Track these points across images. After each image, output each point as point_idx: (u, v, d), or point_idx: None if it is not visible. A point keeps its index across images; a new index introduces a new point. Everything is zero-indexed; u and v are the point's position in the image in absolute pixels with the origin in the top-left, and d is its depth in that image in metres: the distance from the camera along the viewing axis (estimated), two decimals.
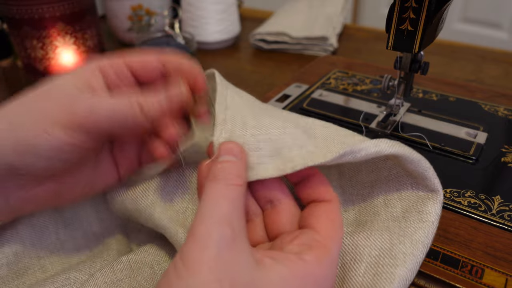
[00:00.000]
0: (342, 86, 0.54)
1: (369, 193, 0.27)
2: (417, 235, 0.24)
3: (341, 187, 0.28)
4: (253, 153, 0.25)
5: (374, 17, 1.79)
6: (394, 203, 0.26)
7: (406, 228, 0.24)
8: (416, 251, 0.23)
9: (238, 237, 0.20)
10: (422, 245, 0.24)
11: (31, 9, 0.54)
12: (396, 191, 0.26)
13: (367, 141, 0.23)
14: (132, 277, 0.28)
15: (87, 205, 0.32)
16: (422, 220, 0.25)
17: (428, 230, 0.24)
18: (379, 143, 0.23)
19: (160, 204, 0.28)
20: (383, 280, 0.22)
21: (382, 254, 0.24)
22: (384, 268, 0.23)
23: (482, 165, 0.38)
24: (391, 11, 0.37)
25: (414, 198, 0.26)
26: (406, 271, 0.23)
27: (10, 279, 0.28)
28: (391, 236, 0.24)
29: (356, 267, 0.24)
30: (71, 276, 0.28)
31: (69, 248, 0.31)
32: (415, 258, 0.23)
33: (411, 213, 0.25)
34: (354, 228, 0.26)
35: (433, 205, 0.25)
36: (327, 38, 0.73)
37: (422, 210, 0.25)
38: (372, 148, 0.23)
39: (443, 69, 0.67)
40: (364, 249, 0.24)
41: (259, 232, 0.25)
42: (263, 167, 0.24)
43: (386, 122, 0.44)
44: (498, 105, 0.48)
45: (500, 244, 0.30)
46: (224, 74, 0.32)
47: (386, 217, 0.26)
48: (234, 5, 0.79)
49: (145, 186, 0.29)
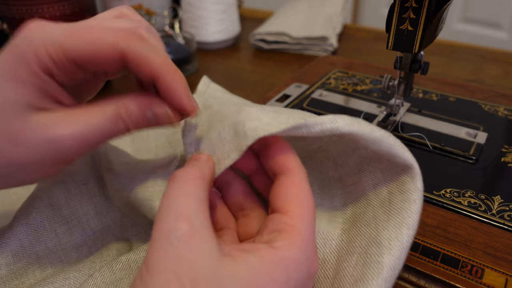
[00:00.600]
0: (342, 86, 0.54)
1: (359, 180, 0.26)
2: (400, 217, 0.23)
3: (340, 178, 0.28)
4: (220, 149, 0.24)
5: (374, 17, 1.79)
6: (381, 186, 0.25)
7: (389, 212, 0.23)
8: (400, 235, 0.22)
9: (199, 231, 0.20)
10: (407, 227, 0.22)
11: (31, 9, 0.54)
12: (380, 172, 0.25)
13: (324, 116, 0.22)
14: (131, 276, 0.28)
15: (84, 201, 0.32)
16: (404, 200, 0.23)
17: (411, 209, 0.23)
18: (336, 119, 0.22)
19: (159, 197, 0.28)
20: (371, 270, 0.22)
21: (370, 243, 0.23)
22: (372, 258, 0.22)
23: (482, 165, 0.38)
24: (391, 11, 0.37)
25: (395, 176, 0.24)
26: (393, 259, 0.22)
27: (10, 279, 0.28)
28: (377, 223, 0.23)
29: (348, 259, 0.23)
30: (70, 276, 0.28)
31: (67, 247, 0.31)
32: (401, 243, 0.22)
33: (395, 194, 0.24)
34: (350, 224, 0.26)
35: (412, 182, 0.23)
36: (327, 38, 0.73)
37: (404, 189, 0.24)
38: (328, 124, 0.22)
39: (443, 69, 0.67)
40: (355, 241, 0.24)
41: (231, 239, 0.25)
42: (226, 155, 0.24)
43: (386, 122, 0.44)
44: (498, 105, 0.48)
45: (500, 244, 0.30)
46: (224, 74, 0.32)
47: (376, 204, 0.25)
48: (234, 5, 0.79)
49: (145, 177, 0.29)
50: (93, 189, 0.33)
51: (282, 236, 0.21)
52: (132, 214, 0.33)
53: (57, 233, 0.31)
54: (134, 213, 0.33)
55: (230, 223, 0.26)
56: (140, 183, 0.29)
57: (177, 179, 0.22)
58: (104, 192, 0.33)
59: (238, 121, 0.24)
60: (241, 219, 0.26)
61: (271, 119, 0.23)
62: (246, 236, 0.25)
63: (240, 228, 0.26)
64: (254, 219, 0.25)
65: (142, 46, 0.22)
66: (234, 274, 0.19)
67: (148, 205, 0.28)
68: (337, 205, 0.27)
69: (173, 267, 0.18)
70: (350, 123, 0.22)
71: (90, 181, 0.32)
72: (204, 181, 0.22)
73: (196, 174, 0.22)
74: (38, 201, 0.30)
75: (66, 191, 0.31)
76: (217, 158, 0.25)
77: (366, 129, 0.22)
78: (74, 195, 0.32)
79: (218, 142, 0.25)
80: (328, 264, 0.25)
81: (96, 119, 0.22)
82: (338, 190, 0.27)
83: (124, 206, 0.33)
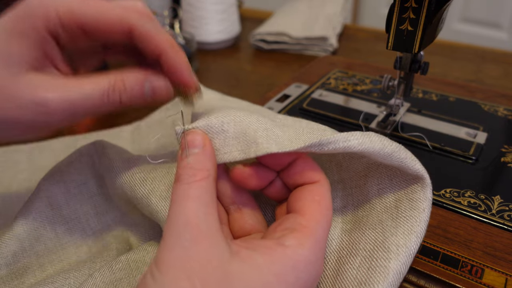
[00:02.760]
0: (342, 86, 0.54)
1: (364, 184, 0.27)
2: (409, 224, 0.23)
3: (342, 180, 0.28)
4: (218, 136, 0.24)
5: (374, 17, 1.79)
6: (387, 192, 0.25)
7: (398, 219, 0.24)
8: (409, 242, 0.23)
9: (207, 235, 0.20)
10: (415, 235, 0.23)
11: None
12: (387, 179, 0.26)
13: (337, 134, 0.22)
14: (131, 276, 0.28)
15: (84, 201, 0.32)
16: (413, 208, 0.24)
17: (420, 218, 0.24)
18: (349, 138, 0.22)
19: (157, 194, 0.28)
20: (377, 274, 0.22)
21: (376, 247, 0.23)
22: (378, 262, 0.23)
23: (482, 165, 0.38)
24: (391, 11, 0.37)
25: (404, 184, 0.25)
26: (399, 265, 0.22)
27: (10, 279, 0.28)
28: (383, 228, 0.24)
29: (351, 261, 0.24)
30: (70, 276, 0.28)
31: (67, 246, 0.31)
32: (408, 250, 0.23)
33: (403, 202, 0.25)
34: (352, 225, 0.26)
35: (422, 191, 0.24)
36: (327, 38, 0.73)
37: (413, 198, 0.24)
38: (341, 143, 0.22)
39: (443, 69, 0.67)
40: (359, 243, 0.24)
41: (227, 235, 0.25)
42: (228, 149, 0.24)
43: (386, 122, 0.44)
44: (498, 105, 0.48)
45: (500, 244, 0.30)
46: (224, 74, 0.32)
47: (381, 209, 0.25)
48: (234, 5, 0.79)
49: (144, 175, 0.29)
50: (93, 189, 0.33)
51: (294, 235, 0.21)
52: (132, 214, 0.33)
53: (57, 233, 0.31)
54: (134, 212, 0.33)
55: (224, 218, 0.26)
56: (139, 180, 0.29)
57: (183, 181, 0.22)
58: (103, 191, 0.33)
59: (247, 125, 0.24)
60: (234, 214, 0.26)
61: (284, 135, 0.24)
62: (242, 232, 0.25)
63: (234, 223, 0.25)
64: (247, 214, 0.25)
65: (149, 23, 0.23)
66: (243, 275, 0.19)
67: (145, 202, 0.28)
68: (337, 206, 0.27)
69: (184, 267, 0.19)
70: (362, 142, 0.22)
71: (90, 181, 0.32)
72: (209, 179, 0.22)
73: (201, 175, 0.22)
74: (38, 201, 0.30)
75: (66, 191, 0.31)
76: (216, 147, 0.24)
77: (377, 146, 0.23)
78: (74, 195, 0.32)
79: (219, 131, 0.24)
80: (327, 264, 0.25)
81: (87, 88, 0.23)
82: (339, 191, 0.28)
83: (124, 204, 0.33)
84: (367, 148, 0.23)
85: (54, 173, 0.31)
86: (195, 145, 0.23)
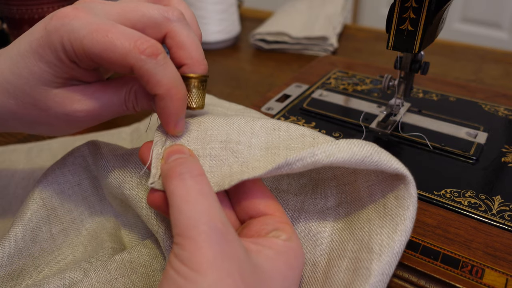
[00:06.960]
0: (342, 86, 0.54)
1: (355, 180, 0.26)
2: (394, 223, 0.23)
3: (335, 177, 0.28)
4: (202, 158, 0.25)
5: (374, 17, 1.79)
6: (376, 189, 0.25)
7: (385, 217, 0.24)
8: (392, 241, 0.22)
9: (229, 229, 0.21)
10: (399, 234, 0.23)
11: (31, 9, 0.54)
12: (374, 174, 0.25)
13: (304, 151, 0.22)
14: (126, 276, 0.28)
15: (79, 202, 0.32)
16: (399, 206, 0.24)
17: (405, 216, 0.23)
18: (315, 152, 0.22)
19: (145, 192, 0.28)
20: (360, 277, 0.22)
21: (361, 248, 0.23)
22: (361, 264, 0.22)
23: (482, 165, 0.38)
24: (391, 11, 0.37)
25: (390, 181, 0.25)
26: (382, 265, 0.22)
27: (5, 280, 0.28)
28: (370, 227, 0.24)
29: (339, 264, 0.24)
30: (66, 277, 0.28)
31: (63, 247, 0.31)
32: (392, 250, 0.22)
33: (390, 200, 0.24)
34: (343, 224, 0.26)
35: (405, 189, 0.24)
36: (327, 38, 0.73)
37: (398, 195, 0.24)
38: (308, 159, 0.22)
39: (443, 69, 0.67)
40: (347, 244, 0.24)
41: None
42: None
43: (386, 122, 0.44)
44: (498, 105, 0.48)
45: (500, 244, 0.30)
46: (224, 74, 0.32)
47: (370, 207, 0.25)
48: (234, 5, 0.79)
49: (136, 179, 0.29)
50: (87, 190, 0.33)
51: (284, 232, 0.23)
52: (126, 213, 0.33)
53: (52, 234, 0.31)
54: (127, 212, 0.33)
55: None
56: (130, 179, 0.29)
57: (185, 175, 0.22)
58: (98, 192, 0.33)
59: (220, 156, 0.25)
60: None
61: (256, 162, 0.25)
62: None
63: None
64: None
65: (150, 64, 0.23)
66: (262, 266, 0.21)
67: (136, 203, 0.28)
68: (331, 204, 0.27)
69: (222, 265, 0.19)
70: (330, 153, 0.22)
71: (84, 181, 0.33)
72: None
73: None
74: (33, 203, 0.30)
75: (60, 192, 0.31)
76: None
77: (346, 155, 0.22)
78: (68, 196, 0.32)
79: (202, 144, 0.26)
80: (318, 267, 0.25)
81: (109, 98, 0.26)
82: (333, 189, 0.27)
83: (118, 204, 0.33)
84: (336, 159, 0.22)
85: (48, 175, 0.31)
86: (182, 153, 0.25)
